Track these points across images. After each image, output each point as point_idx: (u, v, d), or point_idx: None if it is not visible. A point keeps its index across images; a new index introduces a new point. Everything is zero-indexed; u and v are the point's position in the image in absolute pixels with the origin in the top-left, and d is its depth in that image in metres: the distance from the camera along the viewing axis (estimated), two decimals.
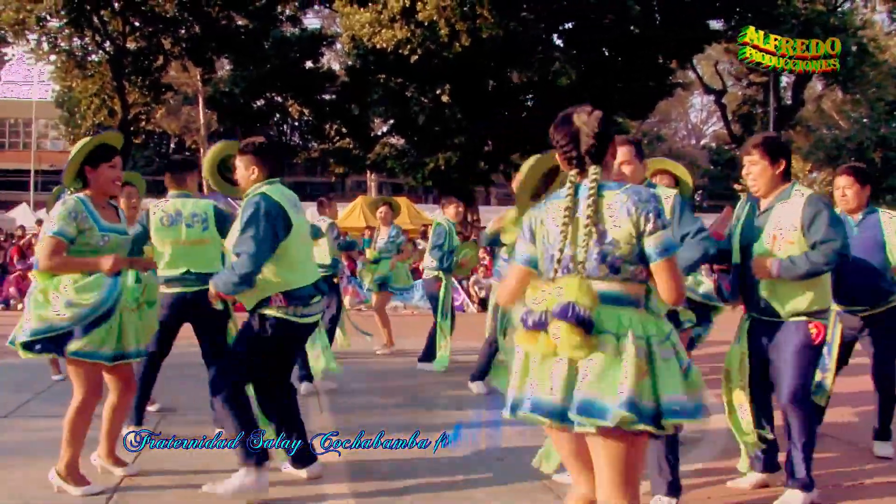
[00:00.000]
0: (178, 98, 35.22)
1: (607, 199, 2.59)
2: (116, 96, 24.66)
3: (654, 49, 23.64)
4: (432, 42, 20.72)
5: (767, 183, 3.91)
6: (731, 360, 4.12)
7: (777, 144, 3.97)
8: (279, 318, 4.03)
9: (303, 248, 4.16)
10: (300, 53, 26.76)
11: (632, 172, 3.83)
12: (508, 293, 2.83)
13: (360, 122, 27.72)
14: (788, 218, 3.82)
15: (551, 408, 2.50)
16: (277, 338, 4.08)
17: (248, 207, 3.94)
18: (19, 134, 47.57)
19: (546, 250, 2.69)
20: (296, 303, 4.02)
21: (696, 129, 58.00)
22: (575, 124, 2.75)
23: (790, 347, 3.88)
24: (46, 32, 23.92)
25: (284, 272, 3.99)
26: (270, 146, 4.25)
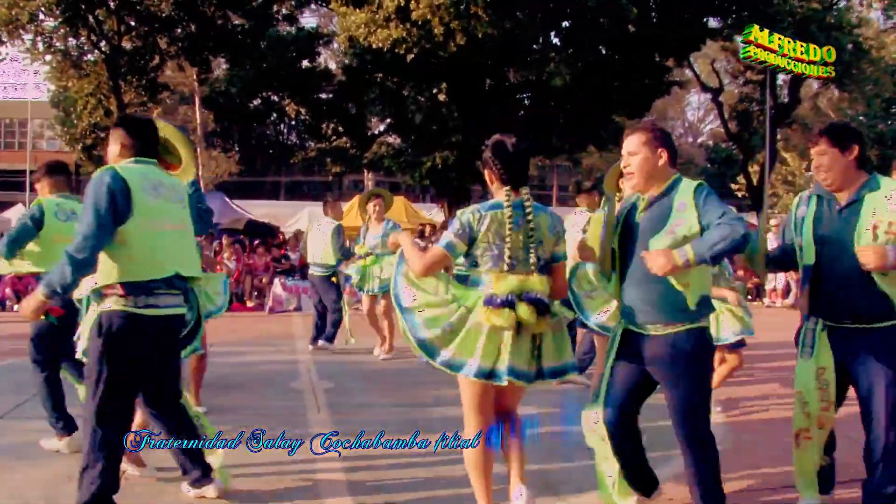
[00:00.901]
0: (174, 98, 35.21)
1: (538, 217, 3.49)
2: (112, 96, 24.60)
3: (650, 47, 23.63)
4: (427, 41, 20.71)
5: (841, 173, 3.52)
6: (805, 381, 3.61)
7: (846, 129, 3.60)
8: (119, 311, 3.54)
9: (154, 237, 3.58)
10: (296, 53, 26.72)
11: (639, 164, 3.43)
12: (426, 267, 3.46)
13: (356, 122, 27.72)
14: (885, 207, 3.41)
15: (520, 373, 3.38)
16: (121, 335, 3.54)
17: (90, 184, 3.49)
18: (15, 134, 47.50)
19: (491, 249, 3.44)
20: (137, 293, 3.53)
21: (693, 127, 58.08)
22: (508, 151, 3.54)
23: (890, 358, 3.42)
24: (41, 32, 23.86)
25: (124, 260, 3.52)
26: (144, 123, 3.87)
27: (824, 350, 3.53)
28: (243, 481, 4.32)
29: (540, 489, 4.14)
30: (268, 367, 7.96)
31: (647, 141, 3.41)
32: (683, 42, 24.06)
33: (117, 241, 3.49)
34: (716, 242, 3.09)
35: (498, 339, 3.33)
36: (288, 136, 39.06)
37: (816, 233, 3.57)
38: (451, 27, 20.06)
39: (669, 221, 3.31)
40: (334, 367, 7.90)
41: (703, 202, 3.25)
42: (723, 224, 3.13)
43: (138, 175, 3.58)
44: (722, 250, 3.10)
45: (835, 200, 3.55)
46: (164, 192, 3.67)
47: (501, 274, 3.40)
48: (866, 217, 3.42)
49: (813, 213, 3.61)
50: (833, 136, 3.52)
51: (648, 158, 3.40)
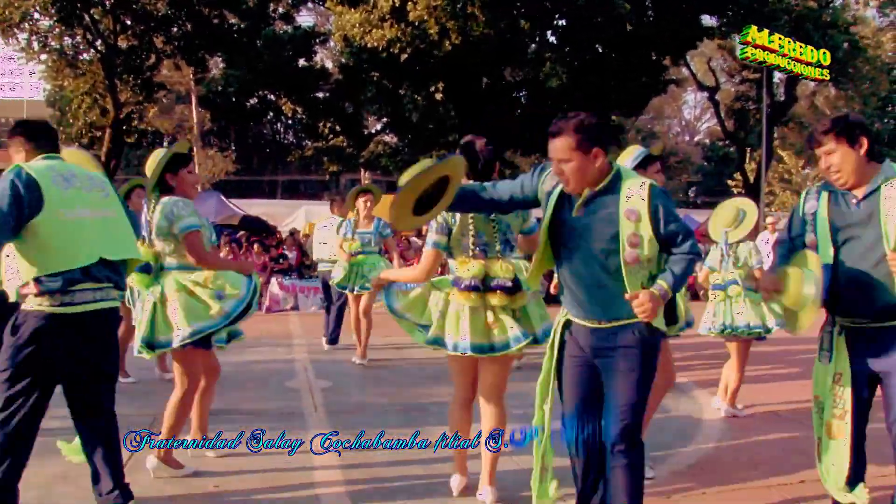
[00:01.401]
0: (170, 97, 35.16)
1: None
2: (108, 95, 24.54)
3: (647, 46, 23.65)
4: (422, 41, 20.72)
5: (855, 169, 3.27)
6: (822, 385, 3.42)
7: (851, 122, 3.32)
8: (35, 312, 3.43)
9: (68, 226, 3.44)
10: (293, 52, 26.72)
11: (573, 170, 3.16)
12: (426, 272, 3.99)
13: (353, 121, 27.73)
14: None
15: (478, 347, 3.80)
16: (35, 335, 3.41)
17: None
18: None
19: (462, 239, 3.88)
20: (53, 290, 3.40)
21: (689, 125, 58.09)
22: (475, 150, 3.87)
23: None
24: (37, 31, 23.82)
25: (38, 254, 3.39)
26: (40, 124, 3.81)
27: (842, 354, 3.34)
28: (241, 480, 4.32)
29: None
30: (265, 366, 7.95)
31: (577, 144, 3.14)
32: (680, 40, 24.08)
33: (29, 234, 3.36)
34: (680, 281, 3.13)
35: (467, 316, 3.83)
36: (285, 135, 39.04)
37: (834, 230, 3.34)
38: (446, 27, 20.07)
39: (621, 231, 3.08)
40: (332, 367, 7.89)
41: (659, 215, 3.09)
42: (683, 259, 3.13)
43: (45, 168, 3.49)
44: (682, 282, 3.17)
45: (850, 194, 3.32)
46: (76, 182, 3.56)
47: (465, 260, 3.86)
48: (886, 208, 3.19)
49: (826, 208, 3.38)
50: (840, 132, 3.28)
51: (583, 163, 3.14)
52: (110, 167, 24.96)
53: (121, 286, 3.69)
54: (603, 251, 3.13)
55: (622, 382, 3.19)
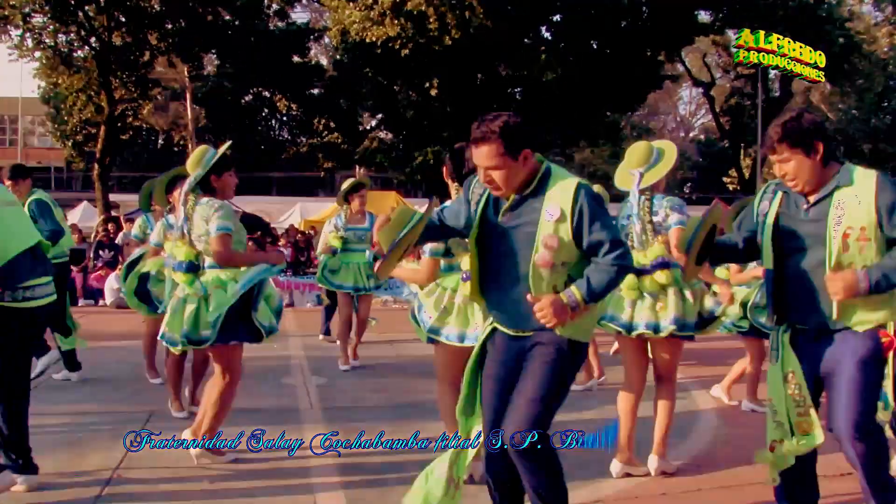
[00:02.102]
0: (165, 94, 35.07)
1: None
2: (103, 92, 24.51)
3: (642, 42, 23.67)
4: (422, 35, 20.69)
5: (813, 177, 3.11)
6: (775, 387, 3.26)
7: (804, 130, 3.11)
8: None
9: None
10: (287, 48, 26.68)
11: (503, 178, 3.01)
12: (428, 277, 4.13)
13: (348, 117, 27.70)
14: (858, 208, 3.02)
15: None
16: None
17: None
18: (6, 131, 47.27)
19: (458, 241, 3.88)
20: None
21: (684, 121, 58.11)
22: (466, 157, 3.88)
23: (853, 361, 3.07)
24: (31, 28, 23.76)
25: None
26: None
27: (788, 353, 3.20)
28: (237, 477, 4.32)
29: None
30: (261, 362, 7.93)
31: (505, 149, 2.95)
32: (675, 36, 24.10)
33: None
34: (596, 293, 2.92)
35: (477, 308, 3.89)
36: (279, 131, 38.96)
37: (778, 234, 3.20)
38: (445, 20, 20.04)
39: (539, 231, 2.97)
40: (327, 363, 7.86)
41: (583, 218, 2.92)
42: (604, 270, 2.91)
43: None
44: (601, 295, 2.96)
45: (802, 199, 3.17)
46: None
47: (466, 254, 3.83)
48: (835, 221, 3.04)
49: (776, 212, 3.23)
50: (793, 140, 3.09)
51: (512, 168, 2.98)
52: (105, 163, 24.93)
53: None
54: (525, 256, 2.99)
55: (526, 380, 3.02)
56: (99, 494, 4.02)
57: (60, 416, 5.59)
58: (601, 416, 5.67)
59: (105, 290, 13.81)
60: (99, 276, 14.30)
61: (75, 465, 4.46)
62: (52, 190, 42.96)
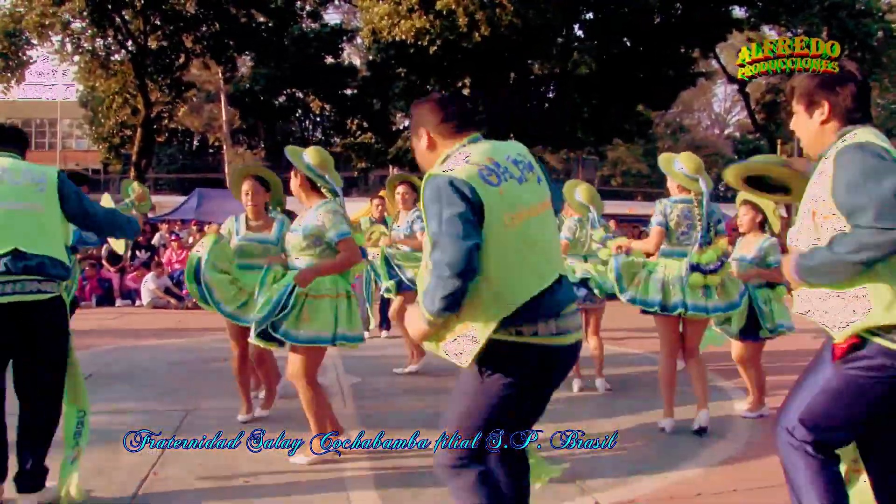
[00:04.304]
0: (200, 95, 35.44)
1: None
2: (139, 95, 24.85)
3: (675, 39, 23.43)
4: (451, 32, 20.66)
5: (810, 140, 2.71)
6: None
7: (812, 81, 2.70)
8: None
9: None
10: (320, 49, 26.82)
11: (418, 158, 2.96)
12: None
13: (381, 117, 27.76)
14: (822, 182, 2.53)
15: None
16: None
17: None
18: (45, 134, 48.06)
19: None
20: None
21: (719, 118, 57.51)
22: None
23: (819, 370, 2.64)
24: (70, 34, 24.16)
25: None
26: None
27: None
28: (271, 476, 4.34)
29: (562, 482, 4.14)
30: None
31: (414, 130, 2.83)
32: (709, 33, 23.83)
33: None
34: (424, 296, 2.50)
35: None
36: (313, 132, 39.17)
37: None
38: (475, 17, 20.00)
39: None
40: (360, 362, 7.86)
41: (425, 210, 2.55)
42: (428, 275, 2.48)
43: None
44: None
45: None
46: (6, 176, 3.65)
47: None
48: (809, 199, 2.61)
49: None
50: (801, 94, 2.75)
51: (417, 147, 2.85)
52: (141, 165, 25.25)
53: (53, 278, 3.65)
54: None
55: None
56: (136, 493, 4.07)
57: (97, 414, 5.64)
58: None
59: (141, 290, 13.99)
60: (135, 277, 14.49)
61: (112, 462, 4.51)
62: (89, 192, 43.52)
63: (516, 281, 2.52)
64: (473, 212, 2.45)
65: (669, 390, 5.31)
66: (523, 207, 2.58)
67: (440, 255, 2.39)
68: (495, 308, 2.49)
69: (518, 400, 2.63)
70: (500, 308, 2.50)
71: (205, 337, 9.50)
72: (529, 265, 2.56)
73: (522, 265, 2.55)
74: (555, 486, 4.13)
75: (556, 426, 5.06)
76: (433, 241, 2.44)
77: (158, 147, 33.55)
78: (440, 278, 2.39)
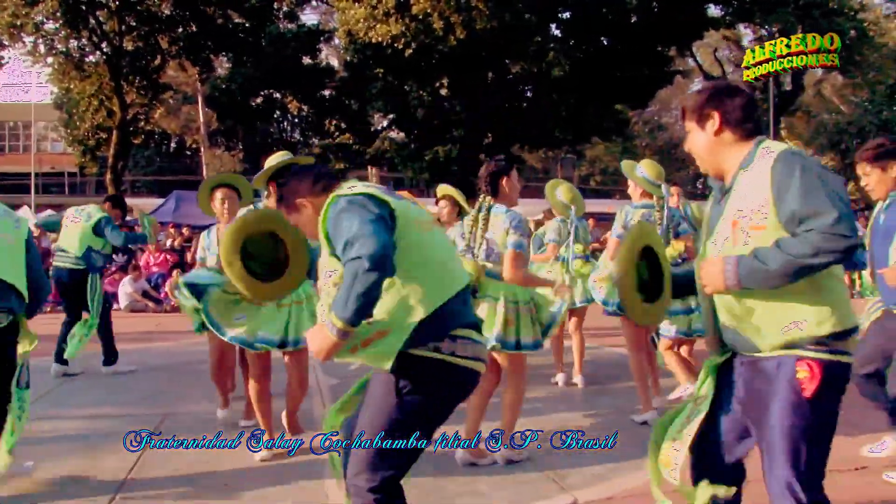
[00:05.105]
0: (177, 97, 35.19)
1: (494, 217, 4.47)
2: (115, 97, 24.63)
3: (652, 37, 23.58)
4: (427, 36, 20.69)
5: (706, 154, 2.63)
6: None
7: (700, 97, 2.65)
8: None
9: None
10: (298, 50, 26.74)
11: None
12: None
13: (359, 118, 27.74)
14: (755, 192, 2.40)
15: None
16: None
17: None
18: (19, 137, 47.59)
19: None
20: None
21: None
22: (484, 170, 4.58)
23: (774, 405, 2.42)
24: (43, 35, 23.90)
25: None
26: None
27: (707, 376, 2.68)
28: (251, 478, 4.33)
29: (545, 481, 4.16)
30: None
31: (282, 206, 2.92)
32: (685, 31, 24.00)
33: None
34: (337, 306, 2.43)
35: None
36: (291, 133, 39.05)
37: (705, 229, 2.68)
38: (450, 21, 20.03)
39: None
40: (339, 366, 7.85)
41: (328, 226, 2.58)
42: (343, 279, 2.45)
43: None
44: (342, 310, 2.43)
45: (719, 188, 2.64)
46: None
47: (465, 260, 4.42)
48: (731, 208, 2.49)
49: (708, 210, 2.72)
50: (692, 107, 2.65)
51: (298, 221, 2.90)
52: (118, 168, 25.05)
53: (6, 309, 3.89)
54: None
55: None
56: (113, 497, 4.04)
57: (75, 419, 5.64)
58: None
59: (119, 293, 13.89)
60: (112, 280, 14.37)
61: (90, 467, 4.49)
62: (66, 195, 43.20)
63: (435, 282, 2.61)
64: (388, 217, 2.56)
65: (644, 385, 5.45)
66: (425, 220, 2.73)
67: (357, 251, 2.37)
68: (414, 310, 2.55)
69: (431, 419, 2.76)
70: (421, 308, 2.55)
71: (183, 340, 9.46)
72: (446, 268, 2.69)
73: (439, 267, 2.66)
74: (534, 483, 4.17)
75: (534, 422, 5.09)
76: (348, 244, 2.42)
77: (135, 149, 33.29)
78: (357, 275, 2.36)
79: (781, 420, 2.38)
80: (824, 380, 2.34)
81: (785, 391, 2.38)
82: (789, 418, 2.36)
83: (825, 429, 2.41)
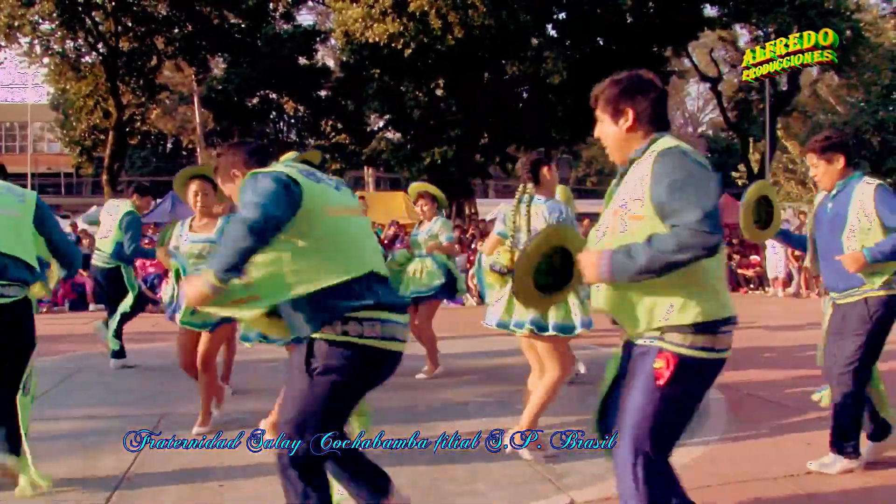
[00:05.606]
0: (173, 98, 35.16)
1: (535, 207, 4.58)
2: (111, 97, 24.60)
3: (648, 38, 23.61)
4: (425, 35, 20.69)
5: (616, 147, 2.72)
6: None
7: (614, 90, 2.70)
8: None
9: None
10: (294, 50, 26.74)
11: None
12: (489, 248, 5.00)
13: (355, 118, 27.74)
14: (638, 183, 2.53)
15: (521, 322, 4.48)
16: None
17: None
18: (15, 137, 47.56)
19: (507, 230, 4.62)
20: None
21: (693, 117, 57.96)
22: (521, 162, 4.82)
23: (634, 388, 2.61)
24: (39, 35, 23.88)
25: None
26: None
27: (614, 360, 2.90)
28: (246, 479, 4.33)
29: (543, 481, 4.17)
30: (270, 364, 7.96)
31: None
32: (681, 31, 24.04)
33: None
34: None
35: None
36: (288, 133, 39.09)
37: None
38: (448, 20, 20.03)
39: None
40: None
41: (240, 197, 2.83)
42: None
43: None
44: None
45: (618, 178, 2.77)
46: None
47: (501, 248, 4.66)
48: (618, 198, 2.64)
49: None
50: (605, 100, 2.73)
51: None
52: (114, 168, 25.02)
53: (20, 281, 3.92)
54: None
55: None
56: (110, 497, 4.04)
57: (72, 419, 5.63)
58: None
59: None
60: None
61: (87, 468, 4.48)
62: (62, 195, 43.12)
63: (330, 263, 2.77)
64: (290, 196, 2.69)
65: None
66: (342, 206, 2.90)
67: (243, 216, 2.60)
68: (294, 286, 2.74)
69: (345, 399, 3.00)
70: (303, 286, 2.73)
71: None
72: (349, 253, 2.83)
73: (340, 251, 2.81)
74: (533, 483, 4.17)
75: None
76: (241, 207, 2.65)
77: (131, 150, 33.29)
78: (233, 236, 2.59)
79: (634, 401, 2.57)
80: (677, 373, 2.50)
81: (643, 376, 2.57)
82: (641, 401, 2.55)
83: (671, 416, 2.57)
